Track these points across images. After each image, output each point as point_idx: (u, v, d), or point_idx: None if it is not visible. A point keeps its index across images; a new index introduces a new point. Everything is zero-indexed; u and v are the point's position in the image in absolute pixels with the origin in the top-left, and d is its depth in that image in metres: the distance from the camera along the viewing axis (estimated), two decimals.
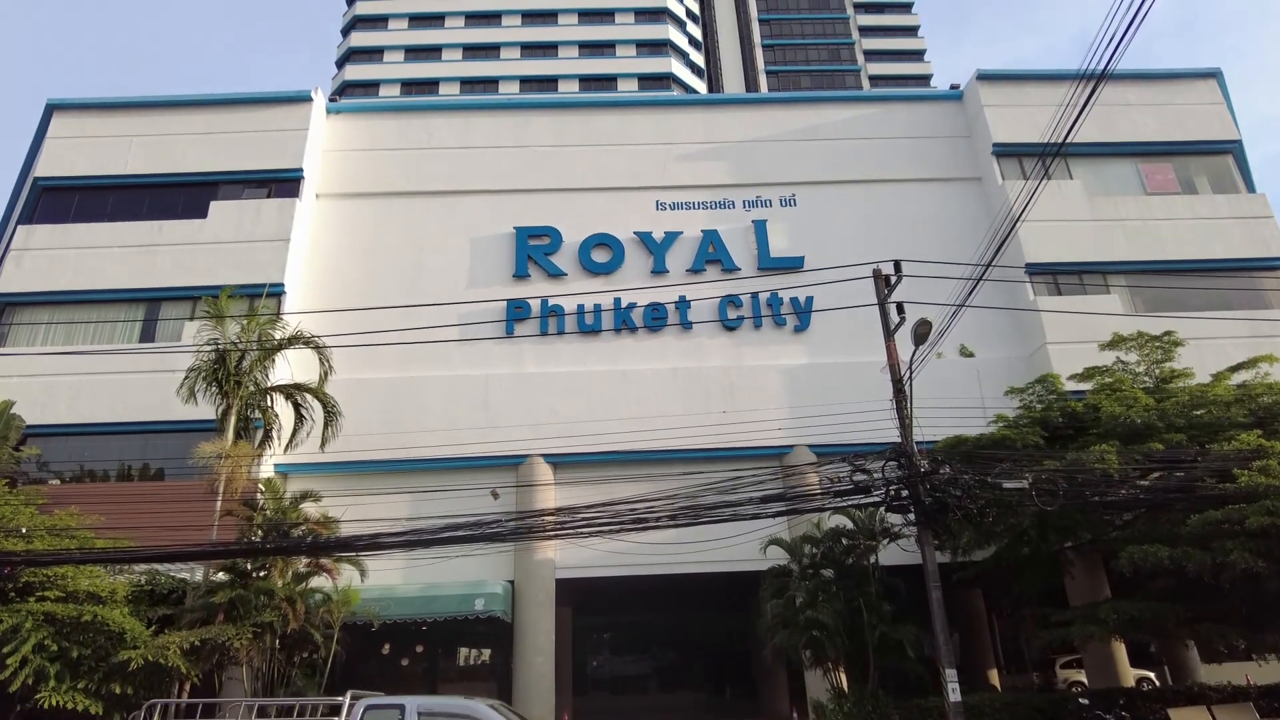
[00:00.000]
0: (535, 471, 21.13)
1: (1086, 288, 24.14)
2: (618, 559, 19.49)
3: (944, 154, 26.71)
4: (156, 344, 22.17)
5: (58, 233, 23.77)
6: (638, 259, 24.54)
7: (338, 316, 19.94)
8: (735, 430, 20.06)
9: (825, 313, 22.68)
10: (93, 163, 24.83)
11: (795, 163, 26.20)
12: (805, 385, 22.44)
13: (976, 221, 24.54)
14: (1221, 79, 27.38)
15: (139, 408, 20.95)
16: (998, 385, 20.11)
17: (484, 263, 24.42)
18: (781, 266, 24.37)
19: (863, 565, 16.58)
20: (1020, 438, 16.25)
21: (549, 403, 21.90)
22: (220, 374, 18.33)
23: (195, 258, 23.09)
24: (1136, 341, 18.51)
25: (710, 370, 22.90)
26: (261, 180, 24.87)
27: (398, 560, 18.66)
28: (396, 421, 21.12)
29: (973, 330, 21.67)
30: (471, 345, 22.67)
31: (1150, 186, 25.85)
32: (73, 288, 22.94)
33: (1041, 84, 26.58)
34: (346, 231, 24.91)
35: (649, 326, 23.53)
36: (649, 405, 21.55)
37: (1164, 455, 15.20)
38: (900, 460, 13.64)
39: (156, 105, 25.96)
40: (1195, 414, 16.57)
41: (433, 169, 25.83)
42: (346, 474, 20.37)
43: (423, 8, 56.96)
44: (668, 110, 28.14)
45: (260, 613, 15.05)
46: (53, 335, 22.77)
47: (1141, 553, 14.04)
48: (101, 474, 21.25)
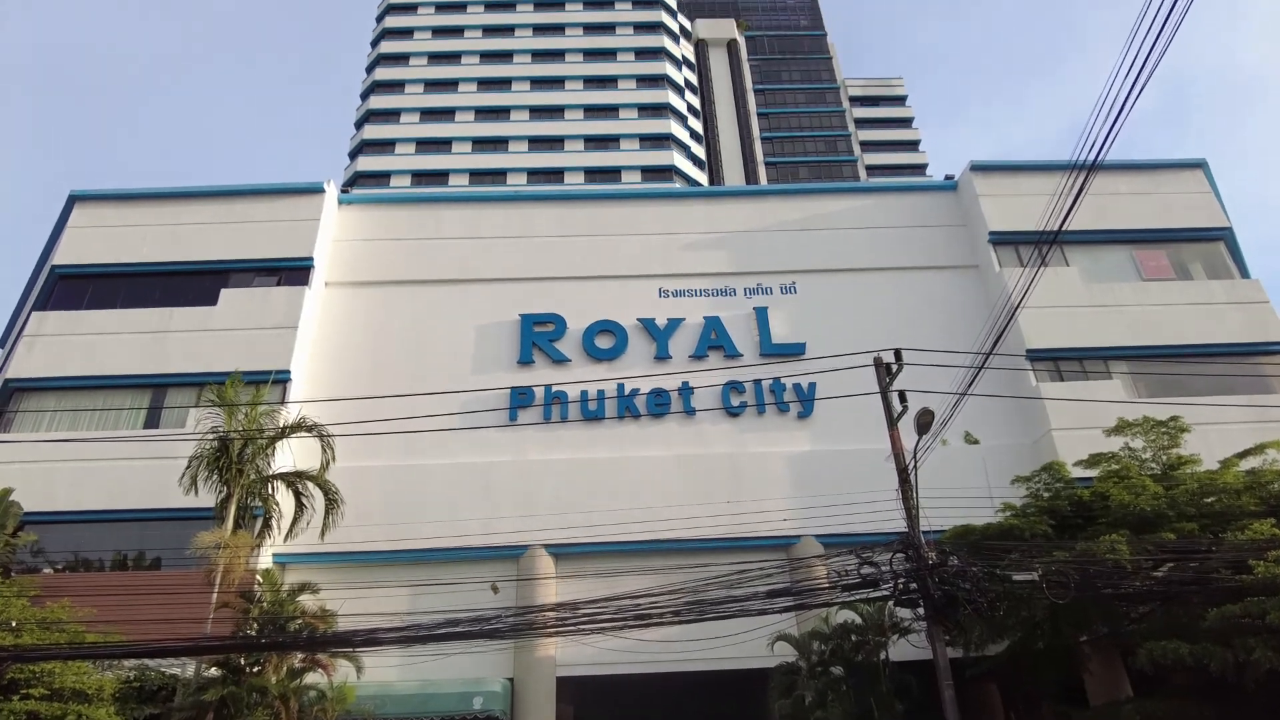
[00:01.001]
0: (536, 563, 20.78)
1: (1088, 373, 24.20)
2: (621, 656, 18.92)
3: (941, 242, 27.21)
4: (160, 430, 22.20)
5: (70, 319, 24.11)
6: (641, 345, 24.77)
7: (341, 403, 20.00)
8: (741, 520, 19.80)
9: (828, 400, 22.71)
10: (109, 251, 25.36)
11: (795, 251, 26.72)
12: (810, 473, 22.27)
13: (976, 308, 24.84)
14: (1207, 169, 28.11)
15: (139, 495, 20.81)
16: (1004, 472, 19.94)
17: (489, 349, 24.65)
18: (783, 353, 24.56)
19: (873, 662, 16.10)
20: (1028, 527, 16.01)
21: (551, 491, 21.72)
22: (222, 462, 18.25)
23: (203, 344, 23.33)
24: (1142, 427, 18.43)
25: (714, 457, 22.78)
26: (272, 268, 25.33)
27: (395, 655, 18.16)
28: (397, 510, 20.93)
29: (977, 417, 21.64)
30: (474, 432, 22.63)
31: (1146, 272, 26.22)
32: (81, 373, 23.12)
33: (1033, 174, 27.30)
34: (354, 318, 25.23)
35: (652, 413, 23.56)
36: (652, 493, 21.36)
37: (1176, 545, 14.92)
38: (908, 552, 13.41)
39: (174, 196, 26.73)
40: (1206, 502, 16.35)
41: (441, 258, 26.35)
42: (345, 565, 20.06)
43: (434, 103, 59.35)
44: (670, 202, 28.93)
45: (252, 711, 14.60)
46: (58, 421, 22.82)
47: (1161, 650, 13.64)
48: (97, 563, 20.93)
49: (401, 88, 60.44)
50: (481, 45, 62.43)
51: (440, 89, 60.19)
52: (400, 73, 61.03)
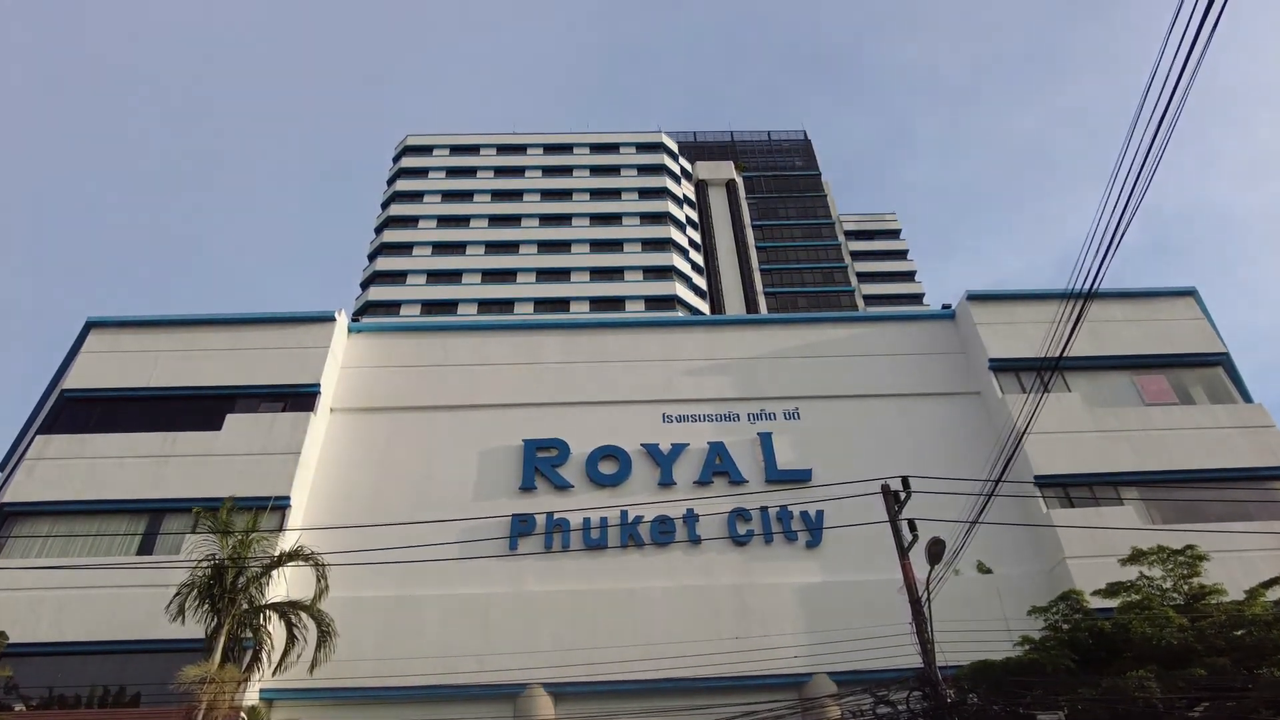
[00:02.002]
0: (535, 703, 19.71)
1: (1099, 499, 23.81)
2: None
3: (942, 369, 27.48)
4: (154, 557, 21.69)
5: (74, 443, 24.05)
6: (644, 471, 24.58)
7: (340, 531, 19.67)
8: (749, 656, 18.94)
9: (837, 529, 22.27)
10: (120, 376, 25.59)
11: (797, 378, 26.97)
12: (821, 605, 21.50)
13: (980, 433, 24.81)
14: (1198, 296, 28.70)
15: (124, 625, 20.07)
16: (1019, 602, 19.29)
17: (491, 475, 24.45)
18: (789, 479, 24.31)
19: None
20: (1050, 661, 15.31)
21: (551, 625, 20.92)
22: (215, 590, 17.76)
23: (204, 470, 23.18)
24: (1158, 556, 17.95)
25: (721, 589, 22.08)
26: (278, 394, 25.51)
27: None
28: (391, 644, 20.12)
29: (988, 545, 21.09)
30: (473, 563, 22.07)
31: (1148, 397, 26.28)
32: (78, 497, 22.83)
33: (1029, 302, 27.88)
34: (357, 444, 25.19)
35: (656, 541, 23.05)
36: (656, 627, 20.56)
37: (1210, 682, 14.21)
38: (925, 689, 12.78)
39: (187, 323, 27.28)
40: (1235, 634, 15.69)
41: (446, 384, 26.59)
42: (336, 702, 19.08)
43: (446, 238, 61.84)
44: (672, 330, 29.51)
45: None
46: (50, 547, 22.36)
47: None
48: (74, 698, 19.92)
49: (415, 223, 63.15)
50: (493, 185, 65.76)
51: (452, 224, 62.89)
52: (414, 209, 63.95)
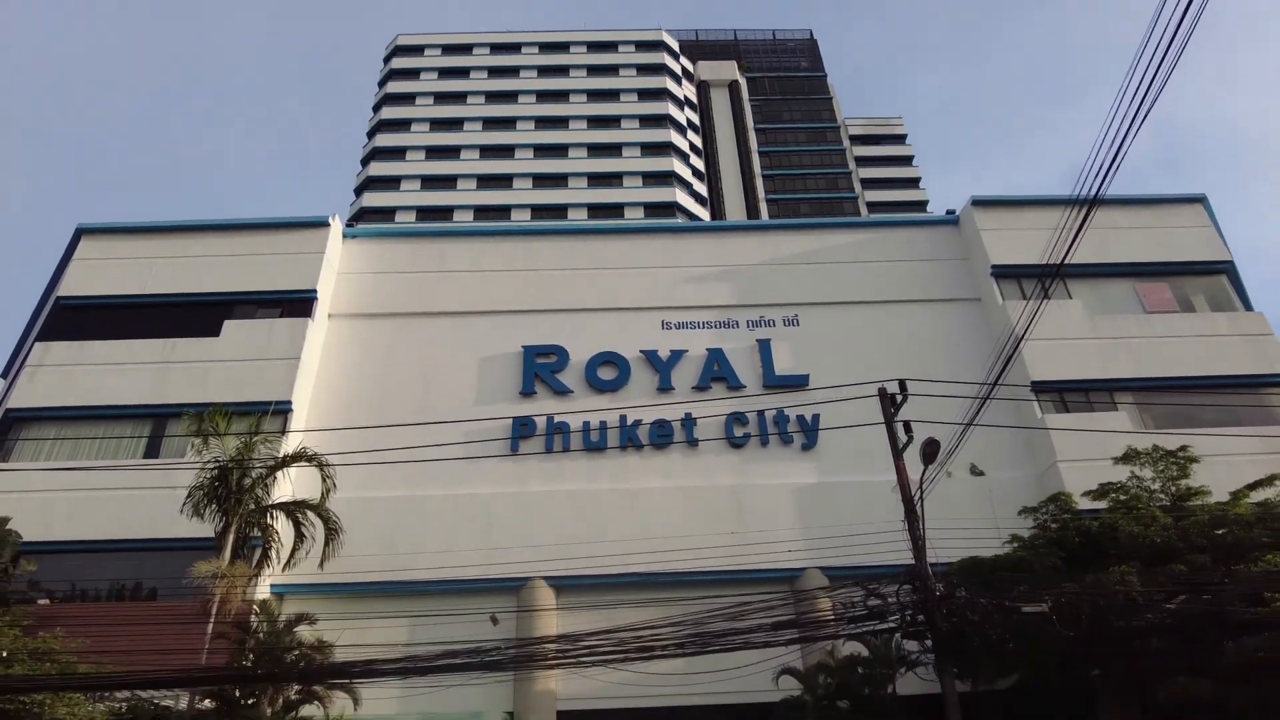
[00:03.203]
0: (537, 595, 20.50)
1: (1094, 405, 24.09)
2: (622, 690, 18.54)
3: (943, 275, 27.31)
4: (160, 460, 22.08)
5: (73, 349, 24.13)
6: (644, 377, 24.73)
7: (343, 434, 19.91)
8: (744, 552, 19.53)
9: (833, 431, 22.58)
10: (114, 283, 25.49)
11: (797, 285, 26.81)
12: (815, 505, 22.07)
13: (979, 340, 24.83)
14: (1207, 204, 28.28)
15: (137, 525, 20.62)
16: (1010, 504, 19.71)
17: (491, 381, 24.63)
18: (787, 384, 24.50)
19: (880, 696, 15.74)
20: (1037, 559, 15.77)
21: (552, 523, 21.50)
22: (220, 491, 18.15)
23: (205, 375, 23.32)
24: (1151, 456, 18.25)
25: (718, 489, 22.60)
26: (275, 300, 25.41)
27: (393, 688, 17.77)
28: (397, 542, 20.72)
29: (982, 449, 21.47)
30: (476, 464, 22.50)
31: (1148, 305, 26.24)
32: (82, 403, 23.07)
33: (1034, 208, 27.47)
34: (356, 350, 25.27)
35: (655, 444, 23.43)
36: (655, 525, 21.12)
37: (1189, 578, 14.69)
38: (915, 584, 13.20)
39: (180, 229, 26.95)
40: (1217, 534, 16.13)
41: (444, 291, 26.46)
42: (344, 596, 19.79)
43: (440, 141, 60.21)
44: (672, 236, 29.15)
45: None
46: (58, 451, 22.72)
47: (1181, 690, 13.35)
48: (94, 593, 20.67)
49: (408, 126, 61.39)
50: (487, 86, 63.55)
51: (446, 128, 61.13)
52: (406, 112, 62.04)
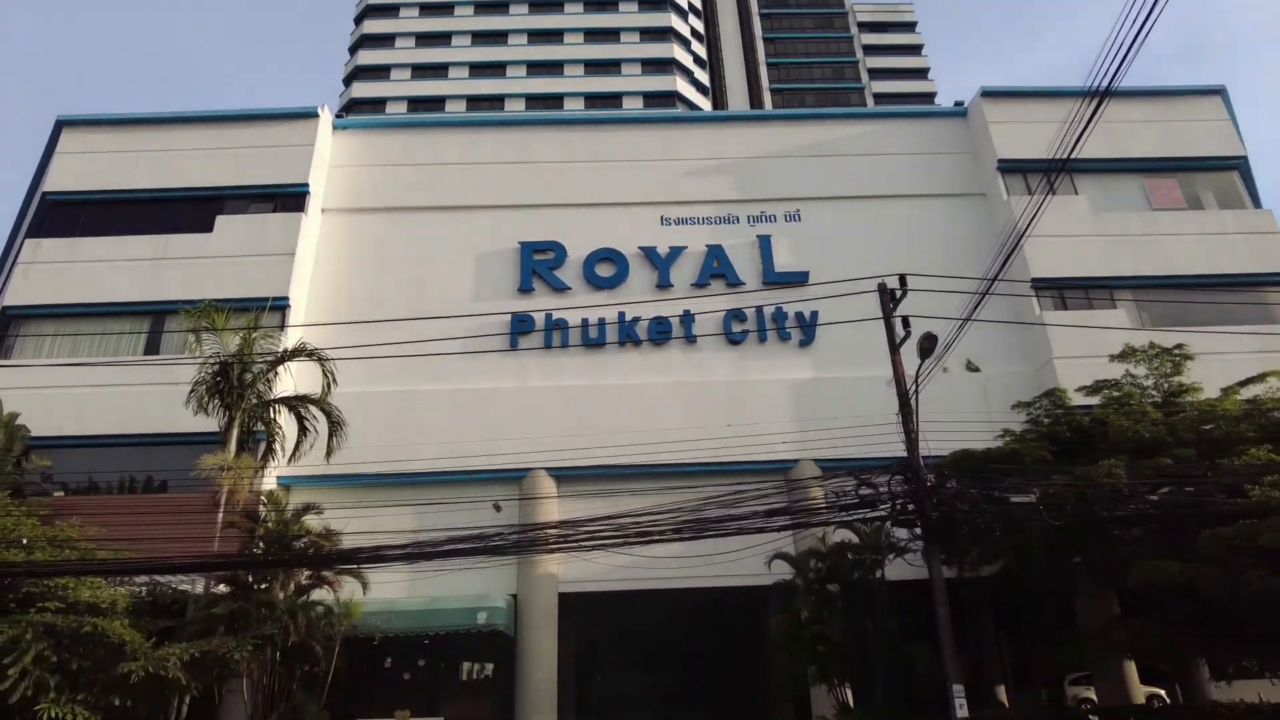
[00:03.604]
0: (538, 485, 21.06)
1: (1093, 303, 24.07)
2: (621, 573, 19.35)
3: (948, 170, 26.75)
4: (160, 356, 22.22)
5: (64, 246, 23.89)
6: (642, 273, 24.57)
7: (342, 330, 19.96)
8: (739, 444, 19.93)
9: (830, 327, 22.62)
10: (100, 178, 24.98)
11: (799, 178, 26.26)
12: (810, 399, 22.37)
13: (981, 237, 24.52)
14: (1226, 96, 27.40)
15: (143, 420, 20.95)
16: (1005, 400, 20.00)
17: (488, 277, 24.47)
18: (786, 281, 24.36)
19: (869, 580, 16.41)
20: (1028, 452, 16.12)
21: (552, 417, 21.83)
22: (222, 386, 18.34)
23: (201, 272, 23.16)
24: (1146, 354, 18.39)
25: (715, 384, 22.86)
26: (267, 195, 25.01)
27: (400, 574, 18.54)
28: (399, 435, 21.09)
29: (979, 345, 21.58)
30: (475, 359, 22.64)
31: (1156, 202, 25.82)
32: (78, 301, 23.03)
33: (1046, 101, 26.61)
34: (351, 246, 25.00)
35: (653, 340, 23.52)
36: (653, 419, 21.47)
37: (1173, 470, 15.06)
38: (906, 474, 13.52)
39: (164, 121, 26.17)
40: (1205, 429, 16.43)
41: (438, 184, 25.94)
42: (349, 487, 20.31)
43: (429, 28, 57.55)
44: (673, 127, 28.27)
45: (261, 625, 14.95)
46: (58, 348, 22.82)
47: (1152, 570, 13.85)
48: (105, 486, 21.22)
49: (396, 12, 58.55)
50: None
51: (436, 12, 58.31)
52: None
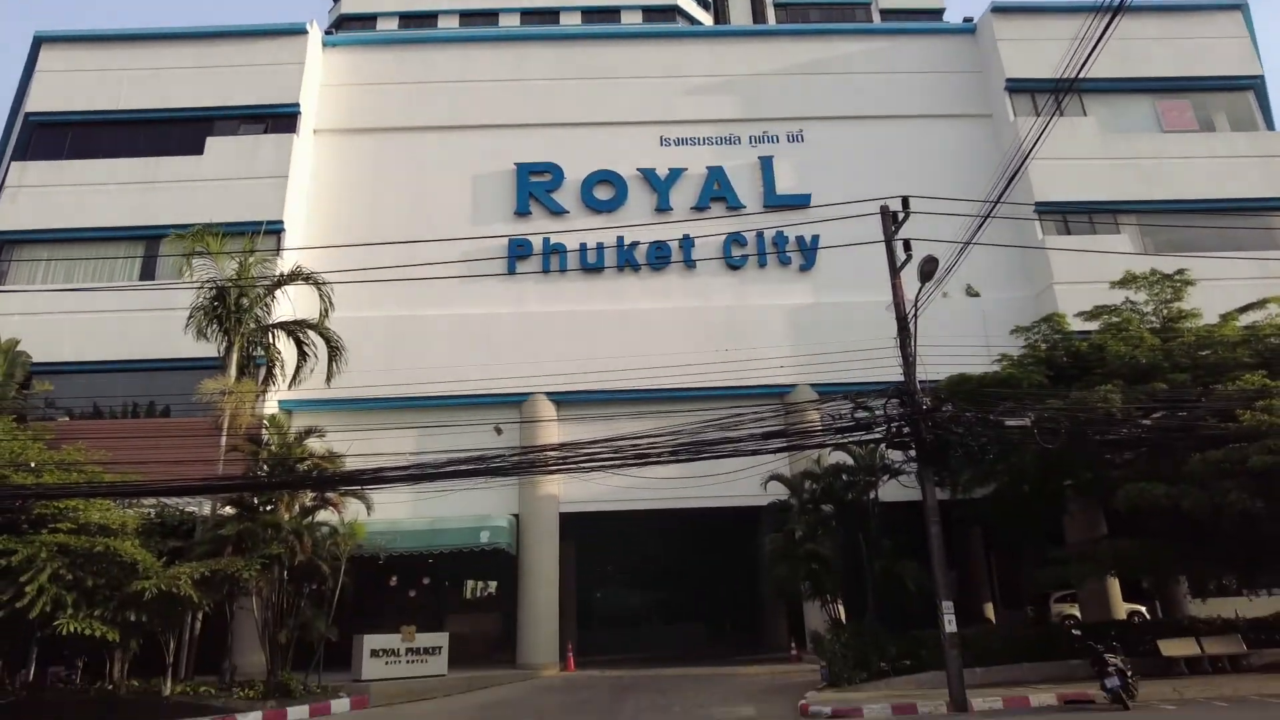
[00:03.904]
0: (538, 409, 21.25)
1: (1096, 227, 23.81)
2: (620, 494, 19.69)
3: (955, 90, 26.08)
4: (157, 281, 22.10)
5: (53, 169, 23.47)
6: (641, 196, 24.19)
7: (338, 254, 19.74)
8: (738, 369, 20.03)
9: (831, 251, 22.42)
10: (85, 98, 24.36)
11: (803, 97, 25.60)
12: (809, 324, 22.35)
13: (987, 160, 24.02)
14: (1247, 11, 26.46)
15: (143, 345, 20.97)
16: (1003, 325, 19.98)
17: (485, 200, 24.12)
18: (788, 204, 24.03)
19: (862, 501, 16.74)
20: (1025, 377, 16.20)
21: (551, 341, 21.85)
22: (220, 311, 18.31)
23: (193, 195, 22.80)
24: (1147, 280, 18.30)
25: (714, 309, 22.80)
26: (258, 115, 24.44)
27: (403, 495, 18.90)
28: (399, 360, 21.13)
29: (980, 270, 21.50)
30: (473, 284, 22.53)
31: (1167, 124, 25.25)
32: (70, 225, 22.74)
33: (1057, 17, 25.71)
34: (346, 168, 24.58)
35: (652, 265, 23.34)
36: (652, 344, 21.46)
37: (1167, 395, 15.16)
38: (902, 398, 13.64)
39: (147, 38, 25.36)
40: (1201, 354, 16.48)
41: (432, 104, 25.31)
42: (350, 411, 20.47)
43: None
44: (672, 42, 27.35)
45: (268, 545, 15.31)
46: (53, 273, 22.67)
47: (1138, 491, 14.12)
48: (108, 411, 21.41)
49: None
50: None
51: None
52: None
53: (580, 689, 17.00)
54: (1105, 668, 11.89)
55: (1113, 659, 11.93)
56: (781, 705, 14.08)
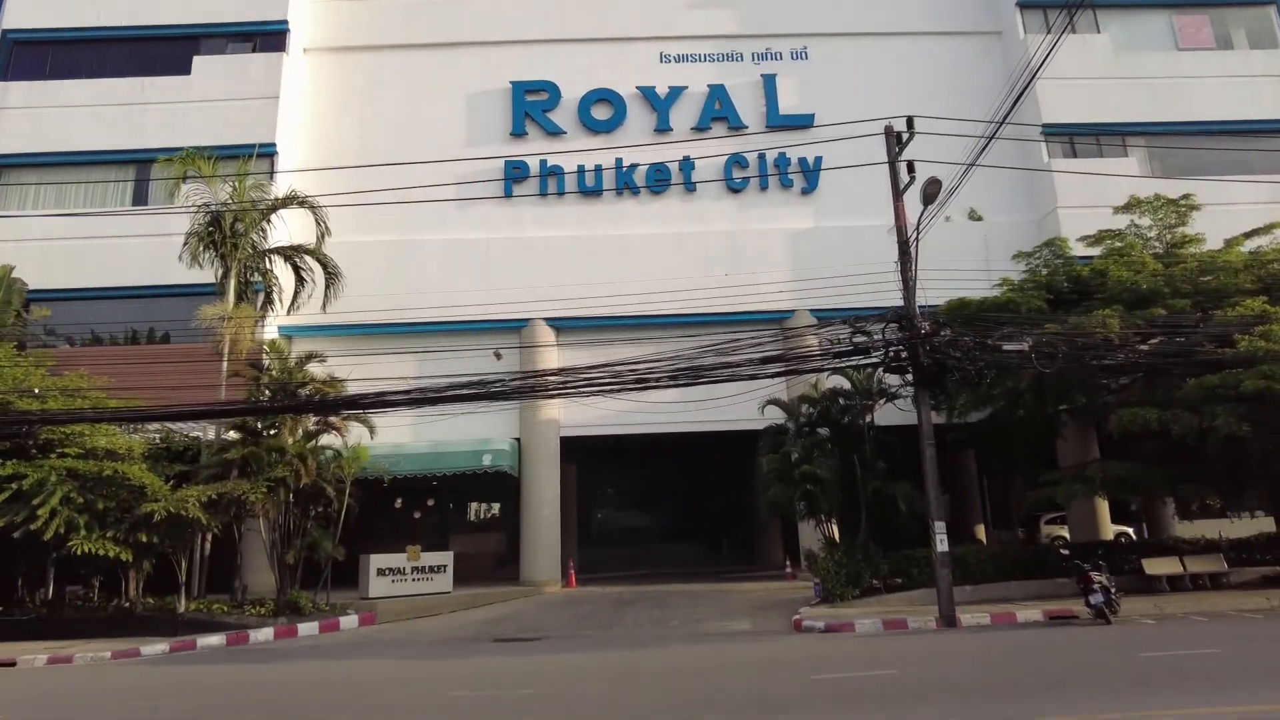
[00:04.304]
0: (537, 334, 21.29)
1: (1104, 150, 23.35)
2: (619, 418, 19.95)
3: (964, 5, 25.20)
4: (150, 207, 21.81)
5: (36, 90, 22.83)
6: (640, 116, 23.59)
7: (332, 178, 19.40)
8: (737, 294, 19.95)
9: (834, 173, 22.05)
10: (63, 14, 23.52)
11: (808, 12, 24.68)
12: (810, 249, 22.15)
13: (994, 80, 23.30)
14: None
15: (138, 272, 20.83)
16: (1005, 250, 19.82)
17: (480, 120, 23.55)
18: (790, 124, 23.48)
19: (858, 425, 16.94)
20: (1024, 302, 16.19)
21: (550, 267, 21.68)
22: (216, 237, 18.14)
23: (183, 117, 22.25)
24: (1152, 205, 18.08)
25: (714, 234, 22.56)
26: (246, 34, 23.67)
27: (405, 419, 19.09)
28: (397, 285, 21.05)
29: (983, 193, 21.21)
30: (470, 208, 22.24)
31: (1183, 41, 24.46)
32: (58, 149, 22.27)
33: None
34: (337, 89, 23.93)
35: (651, 188, 22.98)
36: (651, 270, 21.33)
37: (1166, 321, 15.17)
38: (901, 322, 13.64)
39: None
40: (1203, 280, 16.40)
41: (425, 19, 24.40)
42: (349, 336, 20.50)
43: None
44: None
45: (273, 469, 15.57)
46: (43, 199, 22.32)
47: (1131, 415, 14.28)
48: (108, 338, 21.44)
49: None
50: None
51: None
52: None
53: (582, 604, 17.57)
54: (1090, 585, 12.25)
55: (1098, 577, 12.28)
56: (776, 620, 14.58)
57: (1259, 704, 6.77)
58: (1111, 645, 10.38)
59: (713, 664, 10.70)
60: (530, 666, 10.84)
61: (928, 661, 10.10)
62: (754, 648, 12.03)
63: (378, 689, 9.38)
